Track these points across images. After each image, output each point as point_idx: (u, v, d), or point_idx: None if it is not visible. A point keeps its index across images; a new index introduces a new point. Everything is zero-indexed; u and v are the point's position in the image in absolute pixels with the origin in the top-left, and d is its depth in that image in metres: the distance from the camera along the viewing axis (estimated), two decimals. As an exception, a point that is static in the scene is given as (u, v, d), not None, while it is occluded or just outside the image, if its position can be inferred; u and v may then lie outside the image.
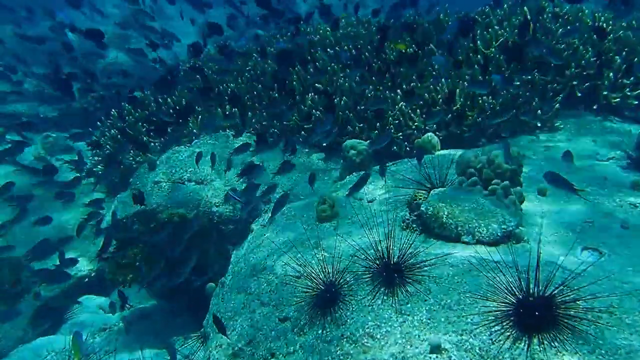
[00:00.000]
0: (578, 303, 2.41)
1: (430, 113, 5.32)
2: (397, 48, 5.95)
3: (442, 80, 5.50)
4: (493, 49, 5.77)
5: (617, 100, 5.56)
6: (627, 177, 4.17)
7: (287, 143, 5.34)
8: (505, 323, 2.44)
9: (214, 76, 6.73)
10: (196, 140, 5.91)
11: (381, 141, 4.71)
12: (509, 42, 5.72)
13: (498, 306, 2.50)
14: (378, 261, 2.95)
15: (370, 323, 2.69)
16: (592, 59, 5.62)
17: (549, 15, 6.07)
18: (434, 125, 5.44)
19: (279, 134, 5.77)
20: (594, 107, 5.67)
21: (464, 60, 5.66)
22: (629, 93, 5.55)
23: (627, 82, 5.56)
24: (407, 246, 2.96)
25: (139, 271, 4.66)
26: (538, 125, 5.45)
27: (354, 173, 4.90)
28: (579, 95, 5.62)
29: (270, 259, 3.51)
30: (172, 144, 5.94)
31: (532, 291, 2.44)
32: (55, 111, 10.01)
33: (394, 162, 4.94)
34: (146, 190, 5.16)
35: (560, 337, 2.30)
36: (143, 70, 10.71)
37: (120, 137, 6.27)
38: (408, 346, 2.51)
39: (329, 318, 2.82)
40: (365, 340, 2.63)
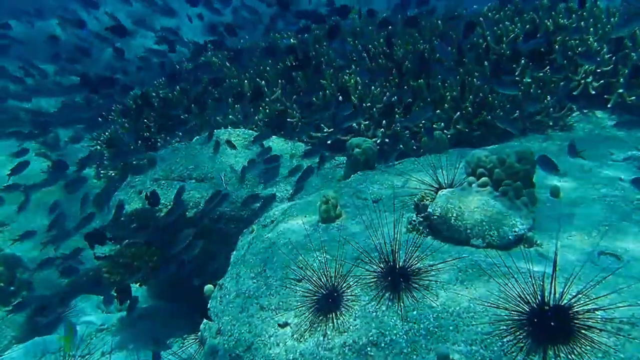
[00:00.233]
0: (597, 313, 2.26)
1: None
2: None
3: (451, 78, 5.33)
4: (504, 45, 5.61)
5: (633, 98, 5.37)
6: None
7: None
8: (518, 333, 2.30)
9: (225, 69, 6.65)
10: (197, 137, 5.77)
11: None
12: (520, 38, 5.56)
13: (510, 315, 2.36)
14: (383, 265, 2.81)
15: (374, 331, 2.55)
16: (607, 56, 5.44)
17: (562, 10, 5.89)
18: (442, 123, 5.29)
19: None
20: (608, 106, 5.49)
21: (476, 57, 5.50)
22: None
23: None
24: (414, 249, 2.82)
25: (138, 271, 4.55)
26: (550, 124, 5.28)
27: (359, 172, 4.75)
28: (593, 93, 5.45)
29: (270, 261, 3.37)
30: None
31: (547, 299, 2.30)
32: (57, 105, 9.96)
33: (400, 161, 4.79)
34: (145, 187, 5.02)
35: (577, 350, 2.16)
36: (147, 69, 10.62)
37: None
38: (414, 356, 2.38)
39: (331, 324, 2.68)
40: (369, 348, 2.49)
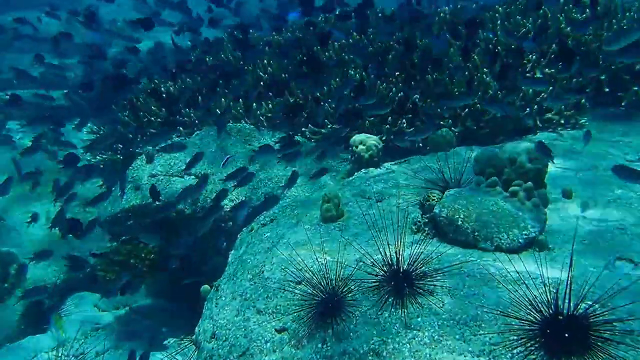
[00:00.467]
0: (615, 324, 2.11)
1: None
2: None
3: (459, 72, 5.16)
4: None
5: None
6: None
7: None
8: (529, 344, 2.15)
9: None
10: (198, 131, 5.62)
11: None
12: (531, 35, 5.38)
13: (521, 324, 2.21)
14: (386, 268, 2.67)
15: (375, 338, 2.41)
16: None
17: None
18: (450, 120, 5.12)
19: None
20: (622, 104, 5.30)
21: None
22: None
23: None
24: (419, 252, 2.67)
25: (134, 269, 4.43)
26: (562, 122, 5.10)
27: (363, 169, 4.60)
28: (607, 90, 5.26)
29: (268, 262, 3.23)
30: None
31: (561, 308, 2.15)
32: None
33: (406, 159, 4.64)
34: (142, 183, 4.89)
35: (593, 363, 2.01)
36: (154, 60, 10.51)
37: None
38: (417, 367, 2.24)
39: (330, 331, 2.54)
40: (370, 357, 2.35)
